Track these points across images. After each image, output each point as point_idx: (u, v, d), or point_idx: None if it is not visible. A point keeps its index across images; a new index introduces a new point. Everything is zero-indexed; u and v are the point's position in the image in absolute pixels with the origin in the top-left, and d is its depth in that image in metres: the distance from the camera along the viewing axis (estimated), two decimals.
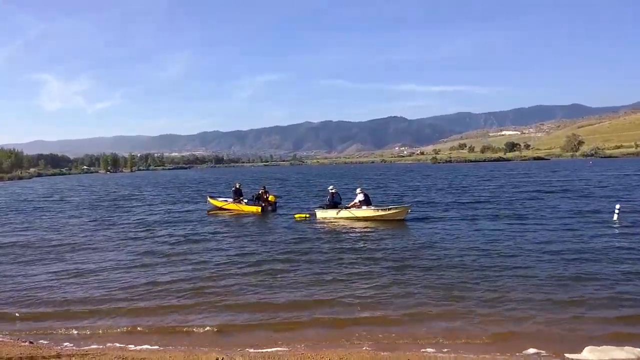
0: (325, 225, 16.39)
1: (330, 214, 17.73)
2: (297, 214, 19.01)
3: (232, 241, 13.72)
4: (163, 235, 15.06)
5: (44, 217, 22.10)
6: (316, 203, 21.91)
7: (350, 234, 14.57)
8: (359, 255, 11.24)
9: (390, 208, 16.95)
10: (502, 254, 10.70)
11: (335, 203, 18.18)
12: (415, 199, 24.49)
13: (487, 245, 11.69)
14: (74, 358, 5.41)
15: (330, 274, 9.41)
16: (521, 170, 64.43)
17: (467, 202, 22.25)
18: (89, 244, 13.75)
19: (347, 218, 17.30)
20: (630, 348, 5.58)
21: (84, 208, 26.41)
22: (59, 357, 5.44)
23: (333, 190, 18.61)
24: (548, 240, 12.09)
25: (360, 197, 17.40)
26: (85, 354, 5.62)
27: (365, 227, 15.71)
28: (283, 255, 11.44)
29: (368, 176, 61.62)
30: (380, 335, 6.32)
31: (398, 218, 16.56)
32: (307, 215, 18.46)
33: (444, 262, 10.14)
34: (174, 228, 16.82)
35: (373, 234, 14.56)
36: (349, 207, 17.53)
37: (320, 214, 18.05)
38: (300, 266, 10.18)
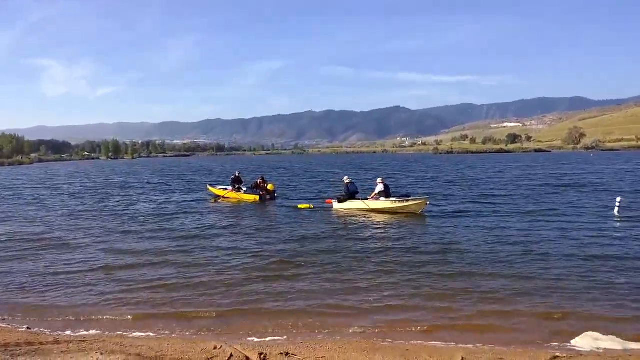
0: (340, 217, 16.07)
1: (346, 205, 17.28)
2: (301, 204, 18.89)
3: (234, 232, 13.56)
4: (163, 225, 14.94)
5: (43, 206, 22.06)
6: (321, 194, 21.77)
7: (366, 226, 14.27)
8: (371, 248, 11.04)
9: (408, 200, 16.13)
10: (514, 249, 10.41)
11: (352, 193, 17.63)
12: (428, 192, 23.33)
13: (500, 240, 11.31)
14: (71, 344, 5.36)
15: (339, 267, 9.27)
16: (525, 162, 64.11)
17: (479, 196, 21.72)
18: (87, 234, 13.60)
19: (363, 209, 16.83)
20: (621, 341, 5.66)
21: (83, 196, 26.41)
22: (57, 343, 5.40)
23: (347, 181, 18.07)
24: (558, 235, 11.94)
25: (380, 187, 16.75)
26: (84, 340, 5.60)
27: (381, 220, 15.19)
28: (289, 247, 11.26)
29: (372, 166, 61.47)
30: (378, 330, 6.29)
31: (416, 211, 15.94)
32: (311, 206, 18.36)
33: (460, 257, 9.86)
34: (175, 217, 16.72)
35: (389, 226, 14.08)
36: (369, 199, 16.97)
37: (336, 205, 17.63)
38: (307, 258, 10.02)
